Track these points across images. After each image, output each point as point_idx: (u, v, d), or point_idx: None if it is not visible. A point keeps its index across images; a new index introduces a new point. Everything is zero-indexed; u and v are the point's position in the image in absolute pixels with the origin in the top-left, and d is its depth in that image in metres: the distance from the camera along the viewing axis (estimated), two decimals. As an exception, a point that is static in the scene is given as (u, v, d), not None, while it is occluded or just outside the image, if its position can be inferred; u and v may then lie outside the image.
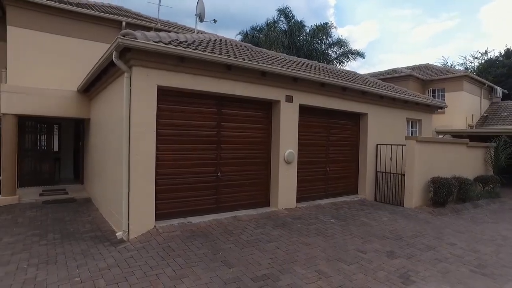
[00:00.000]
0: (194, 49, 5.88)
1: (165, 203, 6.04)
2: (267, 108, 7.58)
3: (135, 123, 5.47)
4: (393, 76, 17.50)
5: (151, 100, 5.63)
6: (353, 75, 11.26)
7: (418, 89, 17.74)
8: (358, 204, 8.81)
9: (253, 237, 5.72)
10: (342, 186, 9.36)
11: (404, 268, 4.85)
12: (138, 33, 5.40)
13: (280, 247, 5.37)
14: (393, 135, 9.98)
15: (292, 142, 7.68)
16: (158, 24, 11.72)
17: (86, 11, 10.15)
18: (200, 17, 13.28)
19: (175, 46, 5.66)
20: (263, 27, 19.99)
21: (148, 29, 11.52)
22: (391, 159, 9.23)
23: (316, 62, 12.83)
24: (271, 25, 19.33)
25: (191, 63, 5.96)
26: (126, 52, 5.36)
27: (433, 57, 71.45)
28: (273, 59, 8.03)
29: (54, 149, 11.92)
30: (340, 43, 19.72)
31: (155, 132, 5.69)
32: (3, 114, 8.78)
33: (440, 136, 15.59)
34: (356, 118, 9.64)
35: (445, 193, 8.58)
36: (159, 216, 5.84)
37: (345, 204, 8.61)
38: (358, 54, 20.06)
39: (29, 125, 11.00)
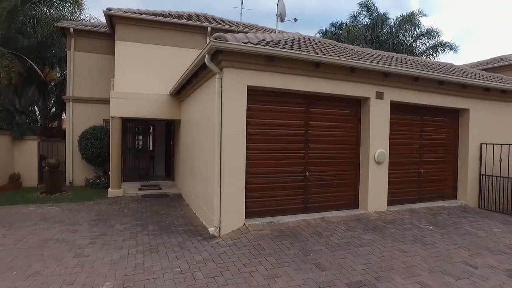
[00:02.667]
0: (282, 48, 5.86)
1: (254, 201, 6.14)
2: (356, 106, 7.21)
3: (226, 123, 5.66)
4: (498, 66, 15.22)
5: (241, 100, 5.77)
6: (449, 67, 10.11)
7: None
8: (459, 210, 7.86)
9: (343, 240, 5.47)
10: (438, 189, 8.45)
11: (532, 290, 4.13)
12: (228, 36, 5.57)
13: (374, 252, 5.03)
14: (502, 133, 8.68)
15: (383, 141, 7.18)
16: (241, 27, 12.08)
17: (177, 20, 10.97)
18: (281, 17, 13.32)
19: (264, 46, 5.71)
20: (343, 23, 19.28)
21: (232, 32, 12.00)
22: (500, 160, 8.02)
23: (406, 55, 11.87)
24: (352, 20, 18.53)
25: (280, 62, 5.95)
26: (218, 54, 5.57)
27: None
28: (361, 55, 7.62)
29: (149, 148, 13.14)
30: (430, 33, 17.78)
31: (245, 132, 5.82)
32: (111, 117, 9.95)
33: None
34: (455, 115, 8.61)
35: None
36: (248, 214, 5.95)
37: (443, 209, 7.75)
38: (451, 47, 17.85)
39: (129, 127, 12.31)
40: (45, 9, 11.95)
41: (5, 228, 6.57)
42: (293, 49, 6.00)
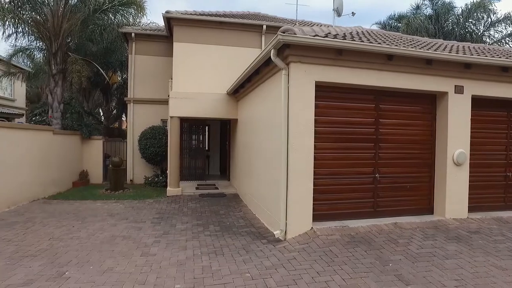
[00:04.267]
0: (351, 41, 5.45)
1: (321, 204, 5.79)
2: (431, 101, 6.54)
3: (294, 121, 5.38)
4: None
5: (309, 97, 5.46)
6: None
7: None
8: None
9: (423, 249, 4.92)
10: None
11: None
12: (296, 29, 5.29)
13: (463, 266, 4.43)
14: None
15: (463, 140, 6.43)
16: (297, 24, 11.74)
17: (233, 20, 10.95)
18: (338, 11, 12.77)
19: (332, 38, 5.35)
20: (403, 15, 18.07)
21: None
22: None
23: (485, 44, 10.72)
24: (413, 12, 17.29)
25: (349, 55, 5.54)
26: (284, 49, 5.31)
27: None
28: (435, 45, 6.91)
29: (205, 147, 13.29)
30: (509, 19, 15.82)
31: (313, 130, 5.49)
32: (170, 117, 10.16)
33: None
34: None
35: None
36: (315, 217, 5.61)
37: (536, 219, 6.77)
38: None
39: (185, 127, 12.54)
40: (111, 16, 12.61)
41: (79, 222, 6.90)
42: (363, 42, 5.56)
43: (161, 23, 15.79)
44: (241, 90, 9.14)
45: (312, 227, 5.48)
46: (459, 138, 6.39)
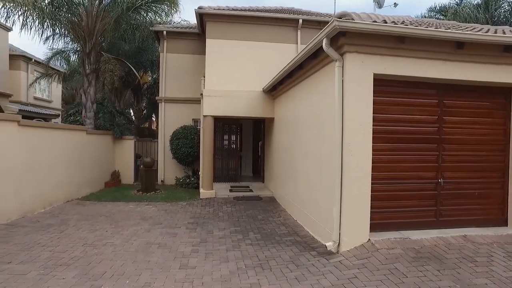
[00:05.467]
0: (416, 27, 4.74)
1: (377, 212, 5.10)
2: (504, 96, 5.68)
3: (349, 119, 4.75)
4: None
5: (366, 92, 4.80)
6: None
7: None
8: None
9: None
10: None
11: None
12: (353, 14, 4.66)
13: None
14: None
15: (543, 141, 5.55)
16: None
17: (269, 14, 10.43)
18: (379, 3, 11.97)
19: (394, 24, 4.67)
20: (444, 6, 16.82)
21: (323, 23, 11.04)
22: None
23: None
24: (458, 2, 16.03)
25: (412, 43, 4.82)
26: (339, 38, 4.69)
27: None
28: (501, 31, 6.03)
29: (238, 148, 12.82)
30: None
31: (371, 130, 4.83)
32: (204, 116, 9.76)
33: None
34: None
35: None
36: (371, 227, 4.94)
37: None
38: None
39: (218, 126, 12.13)
40: (143, 13, 12.43)
41: (112, 226, 6.60)
42: (428, 28, 4.84)
43: (192, 20, 15.51)
44: (279, 87, 8.57)
45: (369, 239, 4.82)
46: (538, 138, 5.52)
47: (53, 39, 12.47)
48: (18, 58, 18.51)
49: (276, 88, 8.87)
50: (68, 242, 5.54)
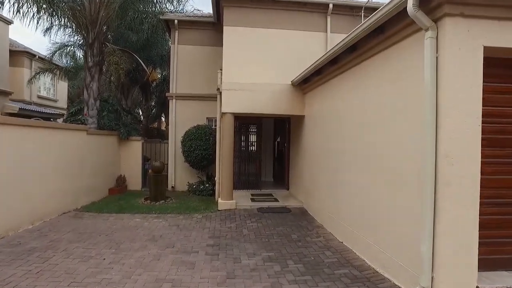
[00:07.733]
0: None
1: (484, 244, 3.59)
2: None
3: (448, 115, 3.24)
4: None
5: (473, 75, 3.27)
6: None
7: None
8: None
9: None
10: None
11: None
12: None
13: None
14: None
15: None
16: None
17: (293, -2, 8.95)
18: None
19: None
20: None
21: (356, 8, 9.57)
22: None
23: None
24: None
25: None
26: (432, -5, 3.21)
27: None
28: None
29: (257, 150, 11.36)
30: None
31: (480, 129, 3.32)
32: (222, 113, 8.35)
33: None
34: None
35: None
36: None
37: None
38: None
39: (236, 125, 10.71)
40: (152, -1, 11.15)
41: (112, 251, 5.21)
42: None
43: (206, 10, 14.13)
44: (314, 78, 7.07)
45: (477, 287, 3.32)
46: None
47: (51, 29, 11.38)
48: (21, 54, 17.42)
49: (310, 80, 7.37)
50: (50, 280, 4.12)
